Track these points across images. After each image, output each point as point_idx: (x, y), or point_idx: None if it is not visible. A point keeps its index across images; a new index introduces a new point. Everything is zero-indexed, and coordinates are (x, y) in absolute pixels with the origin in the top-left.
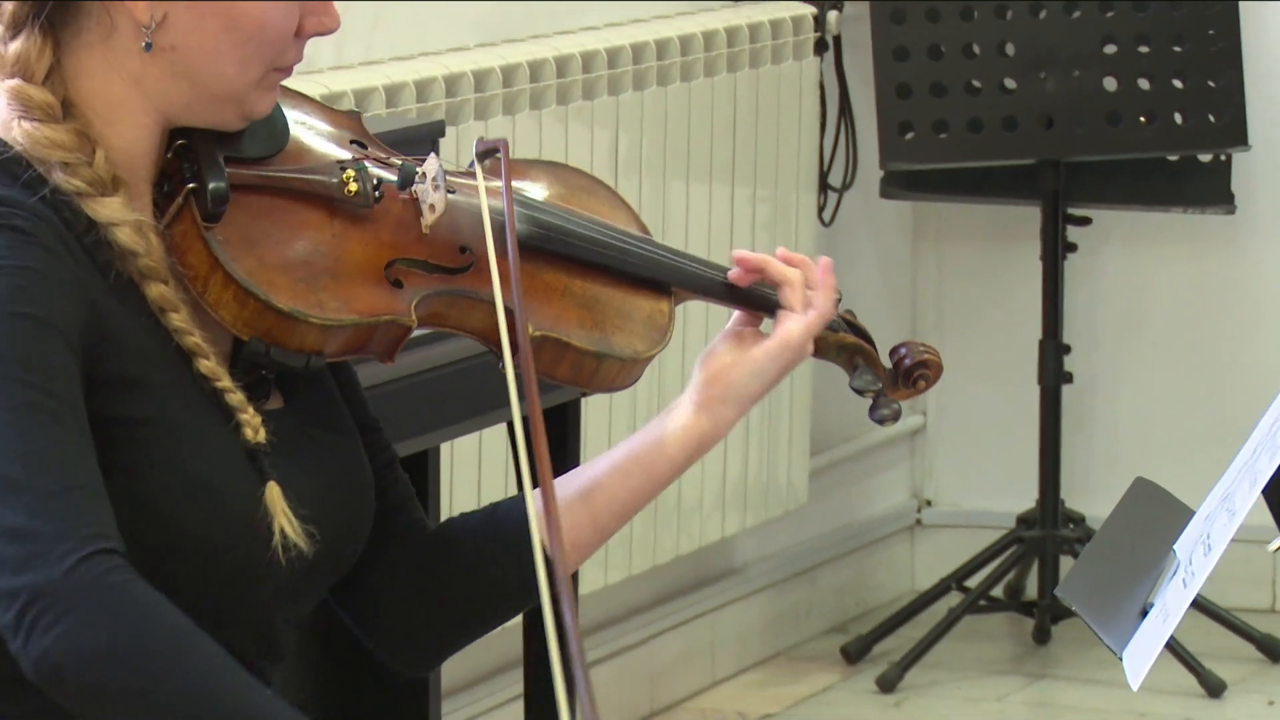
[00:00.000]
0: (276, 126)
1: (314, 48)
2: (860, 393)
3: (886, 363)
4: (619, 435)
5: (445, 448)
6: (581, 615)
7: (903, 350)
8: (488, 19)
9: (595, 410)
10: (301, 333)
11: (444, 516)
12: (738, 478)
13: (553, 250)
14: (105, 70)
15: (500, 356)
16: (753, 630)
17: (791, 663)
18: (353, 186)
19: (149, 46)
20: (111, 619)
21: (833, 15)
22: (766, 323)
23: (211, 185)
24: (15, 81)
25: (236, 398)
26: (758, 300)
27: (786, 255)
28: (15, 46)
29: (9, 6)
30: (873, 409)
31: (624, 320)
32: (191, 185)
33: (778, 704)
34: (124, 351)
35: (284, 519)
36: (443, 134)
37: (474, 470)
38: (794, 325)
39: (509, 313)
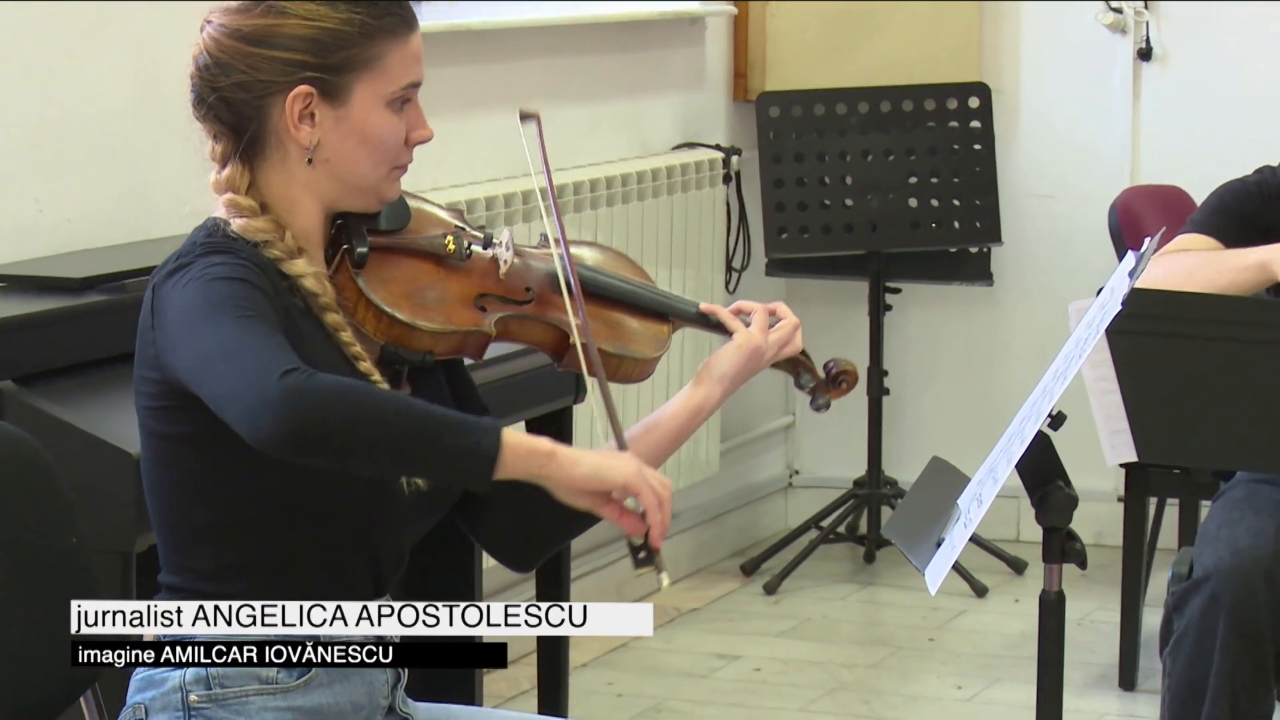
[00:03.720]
0: (401, 210)
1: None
2: (802, 388)
3: (820, 372)
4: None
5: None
6: (573, 545)
7: (831, 364)
8: (509, 159)
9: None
10: (417, 337)
11: None
12: (674, 454)
13: (591, 291)
14: (284, 179)
15: (553, 359)
16: (684, 553)
17: (708, 575)
18: (451, 246)
19: (310, 161)
20: (319, 397)
21: (735, 159)
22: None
23: (357, 248)
24: (229, 195)
25: (384, 387)
26: (718, 327)
27: (740, 304)
28: (225, 172)
29: (219, 147)
30: (813, 401)
31: (636, 335)
32: (345, 247)
33: (700, 601)
34: (305, 358)
35: None
36: None
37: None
38: (741, 335)
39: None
